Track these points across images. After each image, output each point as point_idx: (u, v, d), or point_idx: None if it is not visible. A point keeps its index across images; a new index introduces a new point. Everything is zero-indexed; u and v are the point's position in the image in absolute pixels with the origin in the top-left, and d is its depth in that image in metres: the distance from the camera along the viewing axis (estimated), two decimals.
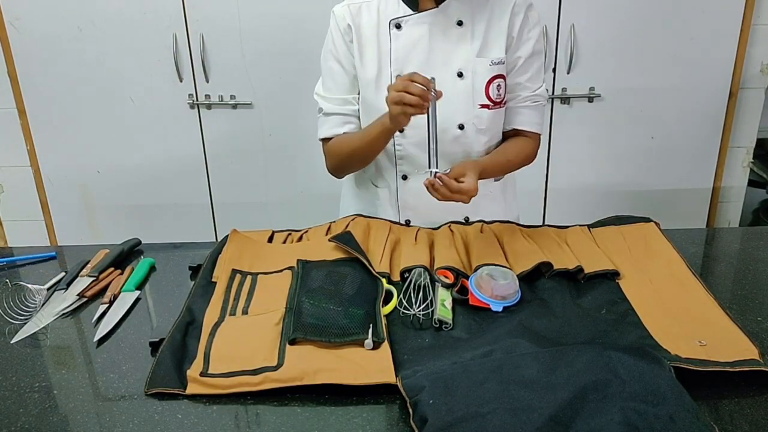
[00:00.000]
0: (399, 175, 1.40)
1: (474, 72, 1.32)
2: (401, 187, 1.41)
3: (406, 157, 1.38)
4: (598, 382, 0.84)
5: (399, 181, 1.41)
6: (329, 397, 0.92)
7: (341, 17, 1.35)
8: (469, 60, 1.32)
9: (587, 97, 2.31)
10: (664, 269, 1.20)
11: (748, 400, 0.89)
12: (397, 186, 1.41)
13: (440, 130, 1.31)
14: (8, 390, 0.96)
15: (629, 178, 2.43)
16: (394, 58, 1.32)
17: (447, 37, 1.32)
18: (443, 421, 0.81)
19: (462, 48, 1.32)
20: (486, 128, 1.36)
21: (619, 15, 2.21)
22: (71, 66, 2.27)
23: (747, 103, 2.35)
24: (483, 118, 1.35)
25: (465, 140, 1.36)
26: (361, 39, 1.34)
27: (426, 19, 1.31)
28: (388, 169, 1.42)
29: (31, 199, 2.48)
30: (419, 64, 1.32)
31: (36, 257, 1.37)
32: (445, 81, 1.31)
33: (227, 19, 2.22)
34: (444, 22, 1.31)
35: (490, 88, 1.33)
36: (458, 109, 1.34)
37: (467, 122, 1.34)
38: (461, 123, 1.34)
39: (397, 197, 1.42)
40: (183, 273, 1.30)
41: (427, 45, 1.32)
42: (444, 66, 1.32)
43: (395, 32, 1.32)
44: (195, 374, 0.94)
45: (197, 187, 2.45)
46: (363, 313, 1.05)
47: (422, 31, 1.31)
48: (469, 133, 1.35)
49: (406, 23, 1.31)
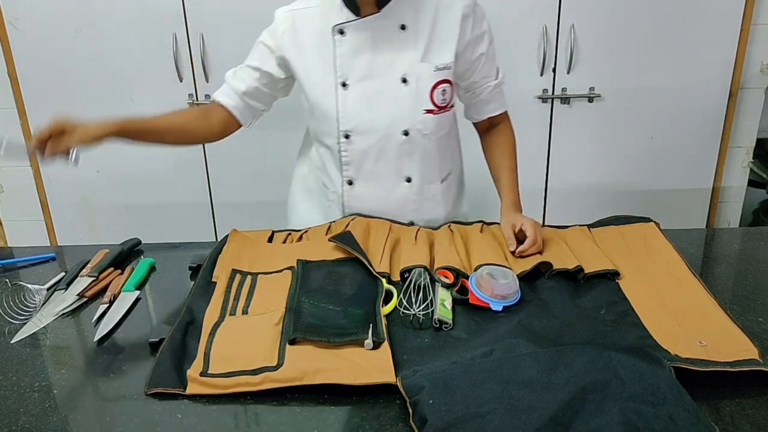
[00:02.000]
0: (345, 180, 1.40)
1: (418, 77, 1.31)
2: (347, 192, 1.41)
3: (351, 162, 1.38)
4: (597, 382, 0.84)
5: (345, 186, 1.41)
6: (329, 397, 0.92)
7: (281, 23, 1.35)
8: (413, 65, 1.31)
9: (587, 97, 2.31)
10: (664, 269, 1.20)
11: (748, 400, 0.89)
12: (343, 191, 1.42)
13: (385, 136, 1.34)
14: (8, 390, 0.96)
15: (629, 178, 2.43)
16: (338, 65, 1.31)
17: (390, 42, 1.30)
18: (443, 421, 0.81)
19: (406, 53, 1.31)
20: (431, 133, 1.36)
21: (619, 15, 2.20)
22: (71, 66, 2.27)
23: (747, 103, 2.34)
24: (428, 123, 1.34)
25: (409, 146, 1.36)
26: (303, 46, 1.34)
27: (369, 25, 1.29)
28: (334, 174, 1.42)
29: (31, 199, 2.48)
30: (363, 69, 1.31)
31: (35, 258, 1.37)
32: (390, 87, 1.32)
33: (227, 19, 2.22)
34: (387, 27, 1.29)
35: (434, 94, 1.33)
36: (403, 115, 1.33)
37: (412, 128, 1.34)
38: (406, 129, 1.34)
39: (343, 202, 1.43)
40: (183, 273, 1.30)
41: (371, 50, 1.30)
42: (388, 71, 1.32)
43: (339, 38, 1.30)
44: (195, 374, 0.94)
45: (197, 187, 2.45)
46: (363, 313, 1.05)
47: (365, 36, 1.30)
48: (414, 138, 1.35)
49: (349, 29, 1.30)
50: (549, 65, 2.26)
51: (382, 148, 1.35)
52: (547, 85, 2.29)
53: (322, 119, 1.36)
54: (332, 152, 1.39)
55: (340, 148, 1.37)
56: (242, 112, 1.43)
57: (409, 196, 1.41)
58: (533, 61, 2.25)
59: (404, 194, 1.41)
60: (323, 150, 1.42)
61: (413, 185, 1.40)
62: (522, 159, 1.50)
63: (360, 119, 1.33)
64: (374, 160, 1.37)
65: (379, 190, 1.40)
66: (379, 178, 1.39)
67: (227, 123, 1.43)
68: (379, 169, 1.38)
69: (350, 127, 1.34)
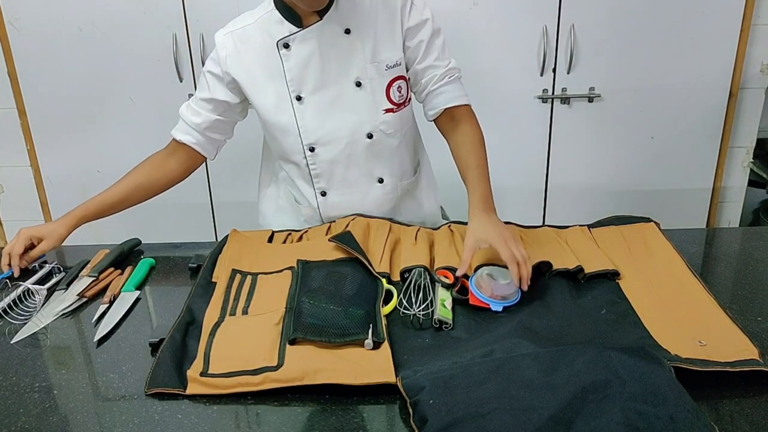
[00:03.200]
0: (318, 192, 1.41)
1: (372, 79, 1.31)
2: (322, 204, 1.42)
3: (322, 174, 1.38)
4: (598, 382, 0.84)
5: (319, 198, 1.41)
6: (329, 397, 0.92)
7: (222, 47, 1.33)
8: (364, 67, 1.30)
9: (587, 97, 2.31)
10: (664, 269, 1.20)
11: (748, 400, 0.89)
12: (317, 203, 1.42)
13: (350, 142, 1.34)
14: (8, 390, 0.96)
15: (629, 178, 2.43)
16: (289, 79, 1.30)
17: (337, 48, 1.29)
18: (443, 421, 0.81)
19: (355, 57, 1.30)
20: (394, 131, 1.36)
21: (619, 15, 2.20)
22: (71, 66, 2.27)
23: (747, 103, 2.34)
24: (390, 122, 1.35)
25: (376, 148, 1.36)
26: (249, 65, 1.31)
27: (313, 34, 1.27)
28: (306, 188, 1.42)
29: (31, 199, 2.48)
30: (316, 80, 1.30)
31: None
32: (346, 92, 1.31)
33: (227, 19, 2.20)
34: (332, 34, 1.28)
35: (390, 92, 1.33)
36: (363, 118, 1.33)
37: (375, 130, 1.34)
38: (369, 132, 1.34)
39: (320, 213, 1.43)
40: (183, 273, 1.30)
41: (319, 59, 1.29)
42: (341, 77, 1.31)
43: (284, 52, 1.29)
44: (195, 374, 0.94)
45: (197, 187, 2.45)
46: (363, 313, 1.05)
47: (312, 46, 1.28)
48: (378, 140, 1.35)
49: (294, 41, 1.28)
50: (549, 65, 2.26)
51: (350, 155, 1.36)
52: (547, 85, 2.29)
53: (283, 137, 1.35)
54: (300, 167, 1.39)
55: (308, 162, 1.36)
56: (204, 147, 1.41)
57: (384, 195, 1.42)
58: (533, 61, 2.25)
59: (379, 195, 1.41)
60: (290, 167, 1.41)
61: (386, 185, 1.41)
62: (522, 159, 1.50)
63: (322, 130, 1.33)
64: (344, 167, 1.37)
65: (353, 195, 1.41)
66: (351, 185, 1.39)
67: (191, 160, 1.43)
68: (350, 175, 1.38)
69: (314, 140, 1.34)
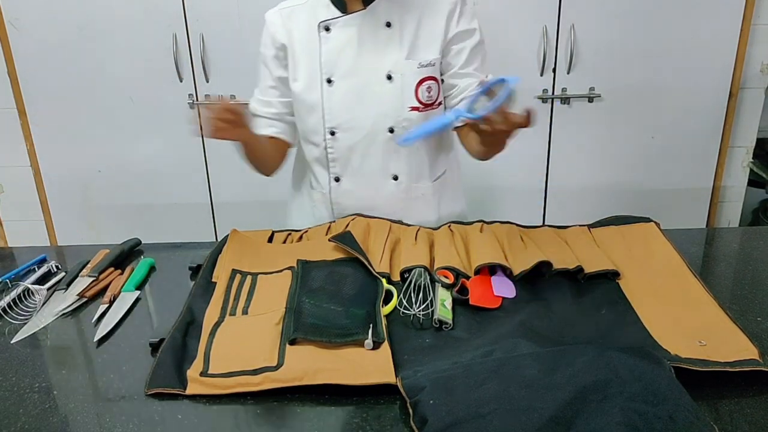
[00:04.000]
0: (332, 177, 1.41)
1: (403, 75, 1.32)
2: (334, 189, 1.42)
3: (338, 159, 1.38)
4: (598, 382, 0.84)
5: (332, 183, 1.41)
6: (329, 397, 0.92)
7: (271, 23, 1.36)
8: (398, 62, 1.31)
9: (587, 97, 2.31)
10: (664, 269, 1.20)
11: (748, 400, 0.89)
12: (330, 188, 1.42)
13: (371, 133, 1.34)
14: (8, 390, 0.96)
15: (629, 178, 2.43)
16: (324, 61, 1.32)
17: (376, 39, 1.31)
18: (443, 422, 0.81)
19: (391, 50, 1.31)
20: None
21: (619, 15, 2.21)
22: (71, 66, 2.27)
23: (747, 103, 2.35)
24: (413, 120, 1.34)
25: (395, 144, 1.36)
26: (293, 45, 1.34)
27: (354, 21, 1.30)
28: (320, 171, 1.42)
29: (31, 199, 2.48)
30: (348, 66, 1.32)
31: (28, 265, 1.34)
32: (375, 83, 1.32)
33: (227, 19, 2.22)
34: (372, 24, 1.30)
35: (419, 91, 1.33)
36: (388, 112, 1.34)
37: (397, 125, 1.34)
38: (391, 126, 1.34)
39: (330, 199, 1.43)
40: (183, 273, 1.30)
41: (356, 47, 1.31)
42: (373, 68, 1.32)
43: (324, 35, 1.31)
44: (195, 374, 0.94)
45: (197, 187, 2.45)
46: (363, 313, 1.05)
47: (351, 33, 1.30)
48: (399, 136, 1.35)
49: (335, 26, 1.31)
50: (549, 65, 2.26)
51: (368, 145, 1.36)
52: (547, 85, 2.29)
53: (308, 115, 1.36)
54: (318, 149, 1.39)
55: (327, 145, 1.37)
56: (288, 133, 1.44)
57: (397, 194, 1.41)
58: (533, 61, 2.25)
59: (392, 192, 1.41)
60: (309, 147, 1.42)
61: (400, 183, 1.41)
62: (522, 159, 1.51)
63: (345, 116, 1.34)
64: (361, 157, 1.38)
65: (366, 187, 1.41)
66: (365, 176, 1.40)
67: (278, 151, 1.46)
68: (365, 166, 1.38)
69: (336, 124, 1.35)
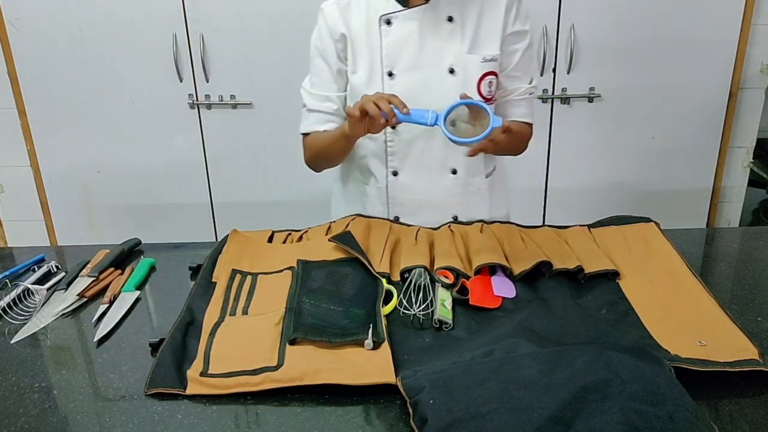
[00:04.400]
0: (389, 171, 1.40)
1: (465, 69, 1.32)
2: (391, 183, 1.41)
3: (397, 153, 1.38)
4: (598, 382, 0.84)
5: (389, 177, 1.41)
6: (329, 397, 0.92)
7: (329, 15, 1.34)
8: (460, 57, 1.32)
9: (587, 97, 2.31)
10: (664, 269, 1.20)
11: (748, 400, 0.89)
12: (387, 182, 1.42)
13: (432, 129, 1.31)
14: (8, 390, 0.96)
15: (629, 178, 2.43)
16: (385, 54, 1.32)
17: (437, 33, 1.31)
18: (443, 421, 0.81)
19: (453, 44, 1.32)
20: None
21: (619, 15, 2.21)
22: (71, 66, 2.28)
23: (747, 103, 2.35)
24: None
25: None
26: (351, 36, 1.34)
27: (416, 15, 1.30)
28: (377, 165, 1.42)
29: (31, 199, 2.48)
30: (410, 60, 1.32)
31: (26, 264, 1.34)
32: (436, 78, 1.32)
33: (227, 19, 2.22)
34: (434, 18, 1.30)
35: (481, 85, 1.33)
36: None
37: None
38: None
39: (387, 193, 1.42)
40: (183, 273, 1.30)
41: (418, 41, 1.31)
42: (435, 62, 1.32)
43: (385, 28, 1.31)
44: (195, 374, 0.94)
45: (197, 187, 2.45)
46: (363, 313, 1.05)
47: (412, 27, 1.31)
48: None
49: (396, 19, 1.31)
50: (549, 65, 2.26)
51: (429, 139, 1.35)
52: (547, 85, 2.29)
53: None
54: (376, 143, 1.38)
55: (386, 138, 1.37)
56: None
57: (455, 188, 1.41)
58: None
59: (449, 186, 1.40)
60: (366, 141, 1.40)
61: (459, 177, 1.40)
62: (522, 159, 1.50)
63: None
64: (420, 151, 1.37)
65: (424, 181, 1.40)
66: (424, 169, 1.39)
67: None
68: (425, 159, 1.38)
69: None
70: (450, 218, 1.42)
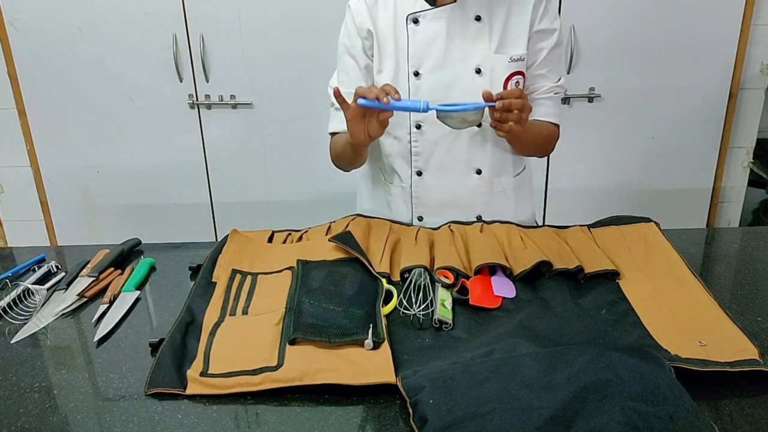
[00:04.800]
0: (414, 171, 1.40)
1: (492, 68, 1.31)
2: (415, 183, 1.41)
3: (422, 153, 1.37)
4: (598, 382, 0.84)
5: (414, 177, 1.40)
6: (329, 397, 0.92)
7: (357, 12, 1.34)
8: (488, 56, 1.31)
9: (587, 97, 2.31)
10: (664, 269, 1.20)
11: (748, 400, 0.89)
12: (411, 182, 1.41)
13: (457, 131, 1.32)
14: (8, 390, 0.96)
15: (629, 178, 2.43)
16: (412, 54, 1.31)
17: (465, 32, 1.30)
18: (443, 421, 0.81)
19: (480, 44, 1.31)
20: None
21: (619, 15, 2.21)
22: (71, 66, 2.28)
23: (747, 104, 2.35)
24: None
25: (482, 137, 1.35)
26: (378, 34, 1.33)
27: (444, 14, 1.29)
28: (402, 165, 1.41)
29: (31, 199, 2.48)
30: (437, 59, 1.31)
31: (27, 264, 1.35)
32: (464, 77, 1.31)
33: (227, 19, 2.22)
34: (462, 18, 1.30)
35: (508, 85, 1.32)
36: None
37: (485, 119, 1.32)
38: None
39: (411, 193, 1.42)
40: (183, 273, 1.30)
41: (445, 40, 1.30)
42: (462, 62, 1.31)
43: (412, 27, 1.30)
44: (195, 374, 0.94)
45: (197, 187, 2.45)
46: (363, 313, 1.05)
47: (440, 26, 1.30)
48: (486, 130, 1.34)
49: (424, 18, 1.30)
50: None
51: (454, 139, 1.35)
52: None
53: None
54: (400, 143, 1.38)
55: (411, 138, 1.36)
56: None
57: (479, 188, 1.40)
58: None
59: (474, 186, 1.40)
60: (390, 141, 1.40)
61: (483, 177, 1.39)
62: None
63: None
64: (445, 151, 1.36)
65: (448, 181, 1.39)
66: (449, 169, 1.38)
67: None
68: (449, 159, 1.37)
69: (422, 117, 1.33)
70: (474, 218, 1.41)
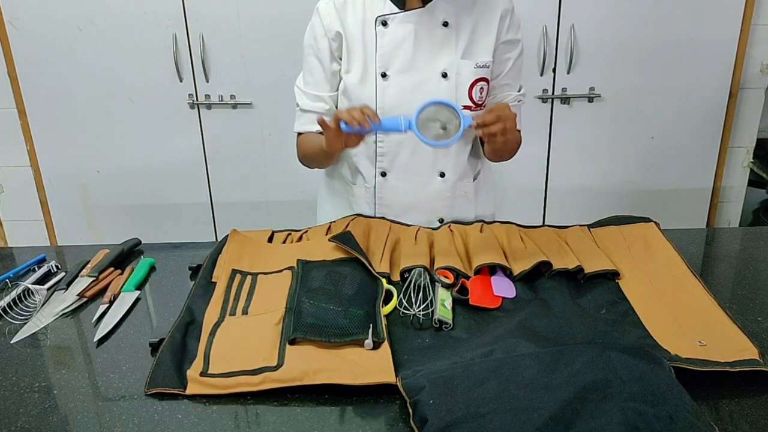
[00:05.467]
0: (378, 171, 1.40)
1: (458, 73, 1.33)
2: (379, 184, 1.41)
3: (387, 153, 1.38)
4: (598, 382, 0.84)
5: (378, 178, 1.41)
6: (329, 397, 0.92)
7: (326, 14, 1.35)
8: (454, 61, 1.32)
9: (587, 97, 2.31)
10: (664, 269, 1.20)
11: (748, 400, 0.89)
12: (375, 183, 1.42)
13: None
14: (8, 390, 0.96)
15: (629, 178, 2.43)
16: (380, 55, 1.32)
17: (432, 37, 1.32)
18: (443, 421, 0.81)
19: (447, 49, 1.32)
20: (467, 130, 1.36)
21: (619, 15, 2.21)
22: (71, 66, 2.27)
23: (747, 103, 2.35)
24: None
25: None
26: (347, 35, 1.34)
27: (412, 18, 1.31)
28: (366, 165, 1.42)
29: (31, 199, 2.48)
30: (404, 62, 1.32)
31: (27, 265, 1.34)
32: (429, 81, 1.33)
33: (227, 19, 2.22)
34: (430, 22, 1.31)
35: (473, 91, 1.34)
36: None
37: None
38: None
39: (375, 194, 1.42)
40: (183, 273, 1.30)
41: (412, 44, 1.32)
42: (428, 66, 1.33)
43: (381, 29, 1.32)
44: (195, 374, 0.94)
45: (197, 187, 2.45)
46: (363, 313, 1.05)
47: (408, 29, 1.31)
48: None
49: (393, 21, 1.31)
50: (549, 65, 2.26)
51: (419, 142, 1.34)
52: (547, 85, 2.29)
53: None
54: (366, 143, 1.38)
55: (376, 139, 1.37)
56: None
57: (443, 191, 1.41)
58: (533, 61, 2.25)
59: (437, 189, 1.41)
60: None
61: (447, 180, 1.41)
62: (522, 159, 1.51)
63: (398, 111, 1.31)
64: (410, 153, 1.37)
65: (412, 183, 1.40)
66: (413, 171, 1.39)
67: None
68: (414, 161, 1.38)
69: None
70: (436, 221, 1.43)
